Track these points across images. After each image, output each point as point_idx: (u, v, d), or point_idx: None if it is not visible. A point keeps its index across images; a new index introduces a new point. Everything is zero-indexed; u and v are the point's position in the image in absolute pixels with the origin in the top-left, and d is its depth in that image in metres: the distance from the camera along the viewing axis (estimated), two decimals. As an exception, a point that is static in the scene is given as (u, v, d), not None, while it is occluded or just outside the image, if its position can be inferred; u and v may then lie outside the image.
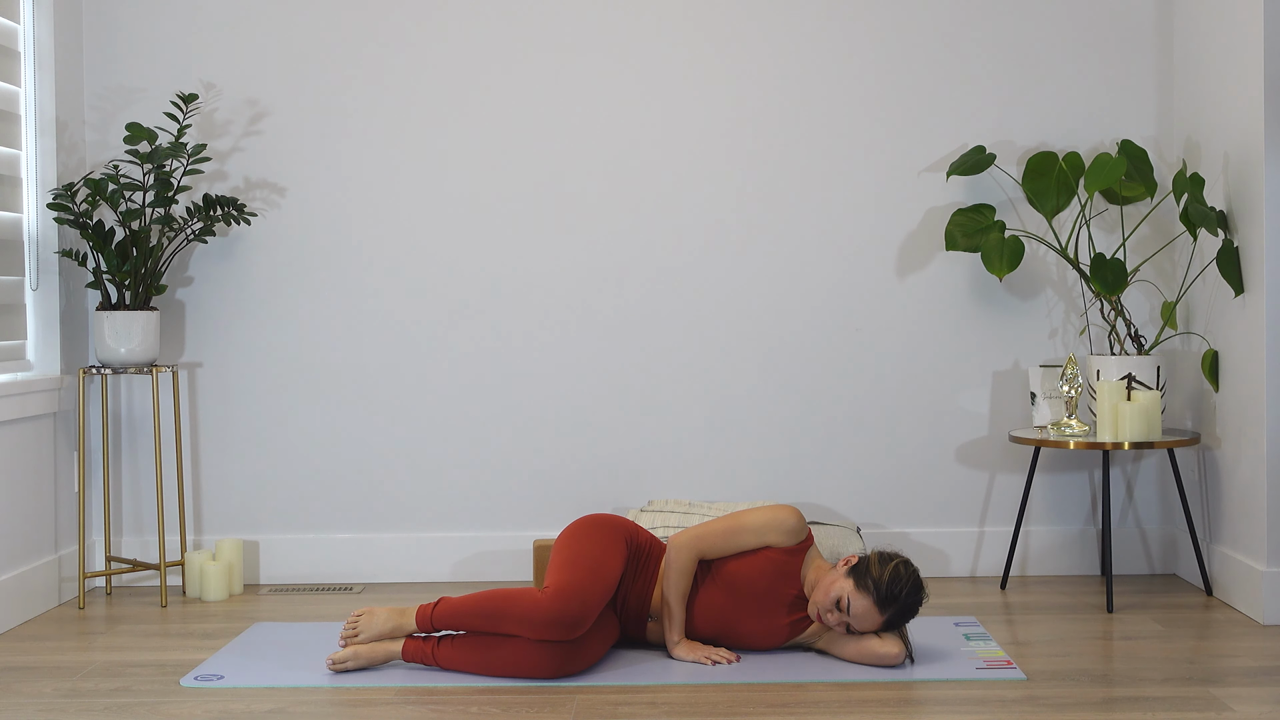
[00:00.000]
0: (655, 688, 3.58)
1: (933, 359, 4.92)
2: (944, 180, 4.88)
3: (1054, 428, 4.59)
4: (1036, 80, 4.89)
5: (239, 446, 4.93)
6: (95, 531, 4.88)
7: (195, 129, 4.84)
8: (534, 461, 4.93)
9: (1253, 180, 4.27)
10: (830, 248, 4.90)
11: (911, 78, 4.89)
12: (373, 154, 4.90)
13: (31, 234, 4.61)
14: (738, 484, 4.92)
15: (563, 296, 4.91)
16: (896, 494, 4.94)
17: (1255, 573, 4.24)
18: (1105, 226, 4.89)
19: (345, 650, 3.72)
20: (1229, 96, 4.42)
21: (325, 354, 4.92)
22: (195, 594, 4.73)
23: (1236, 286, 4.34)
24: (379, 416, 4.93)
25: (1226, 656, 3.85)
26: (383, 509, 4.95)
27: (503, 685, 3.59)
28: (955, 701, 3.46)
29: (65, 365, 4.69)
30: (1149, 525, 4.96)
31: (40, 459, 4.55)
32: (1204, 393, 4.65)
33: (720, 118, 4.90)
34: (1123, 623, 4.24)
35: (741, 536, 3.81)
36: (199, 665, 3.83)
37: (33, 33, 4.60)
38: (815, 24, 4.89)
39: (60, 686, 3.65)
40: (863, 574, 3.67)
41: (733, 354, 4.92)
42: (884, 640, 3.71)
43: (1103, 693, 3.50)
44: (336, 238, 4.91)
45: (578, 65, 4.89)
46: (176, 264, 4.88)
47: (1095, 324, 4.87)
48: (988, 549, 4.94)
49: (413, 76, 4.89)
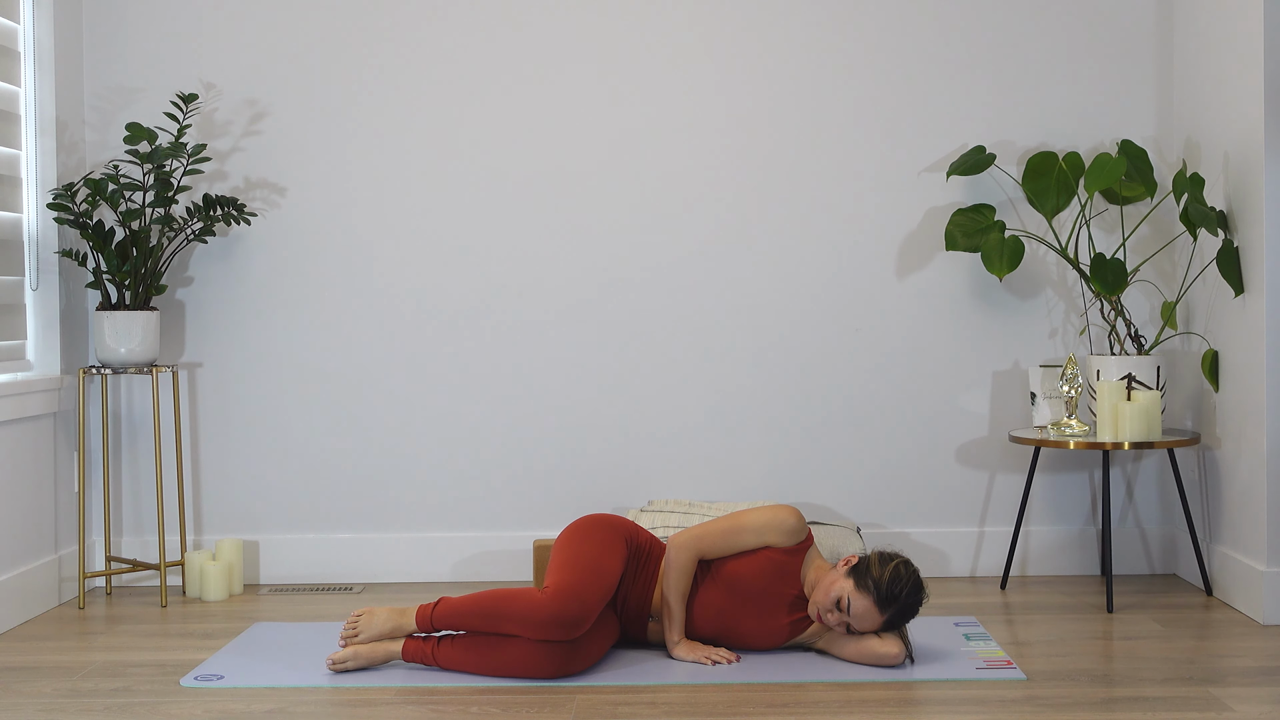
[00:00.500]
0: (655, 688, 3.58)
1: (933, 359, 4.92)
2: (944, 180, 4.88)
3: (1054, 428, 4.58)
4: (1036, 80, 4.89)
5: (239, 446, 4.93)
6: (95, 531, 4.88)
7: (195, 129, 4.84)
8: (534, 461, 4.93)
9: (1253, 180, 4.27)
10: (830, 247, 4.90)
11: (911, 78, 4.89)
12: (373, 154, 4.90)
13: (31, 234, 4.61)
14: (738, 484, 4.92)
15: (563, 297, 4.91)
16: (896, 494, 4.94)
17: (1255, 573, 4.24)
18: (1105, 226, 4.89)
19: (345, 650, 3.71)
20: (1229, 96, 4.42)
21: (325, 354, 4.92)
22: (195, 594, 4.73)
23: (1236, 286, 4.34)
24: (379, 416, 4.93)
25: (1226, 656, 3.85)
26: (383, 509, 4.95)
27: (503, 685, 3.58)
28: (955, 701, 3.46)
29: (65, 365, 4.69)
30: (1149, 525, 4.96)
31: (40, 459, 4.55)
32: (1204, 393, 4.65)
33: (721, 118, 4.89)
34: (1123, 623, 4.24)
35: (741, 536, 3.81)
36: (199, 665, 3.83)
37: (33, 33, 4.60)
38: (815, 25, 4.89)
39: (60, 686, 3.65)
40: (863, 574, 3.67)
41: (732, 354, 4.92)
42: (884, 640, 3.71)
43: (1103, 693, 3.50)
44: (336, 238, 4.91)
45: (578, 65, 4.89)
46: (176, 264, 4.88)
47: (1095, 324, 4.87)
48: (988, 549, 4.94)
49: (413, 76, 4.89)
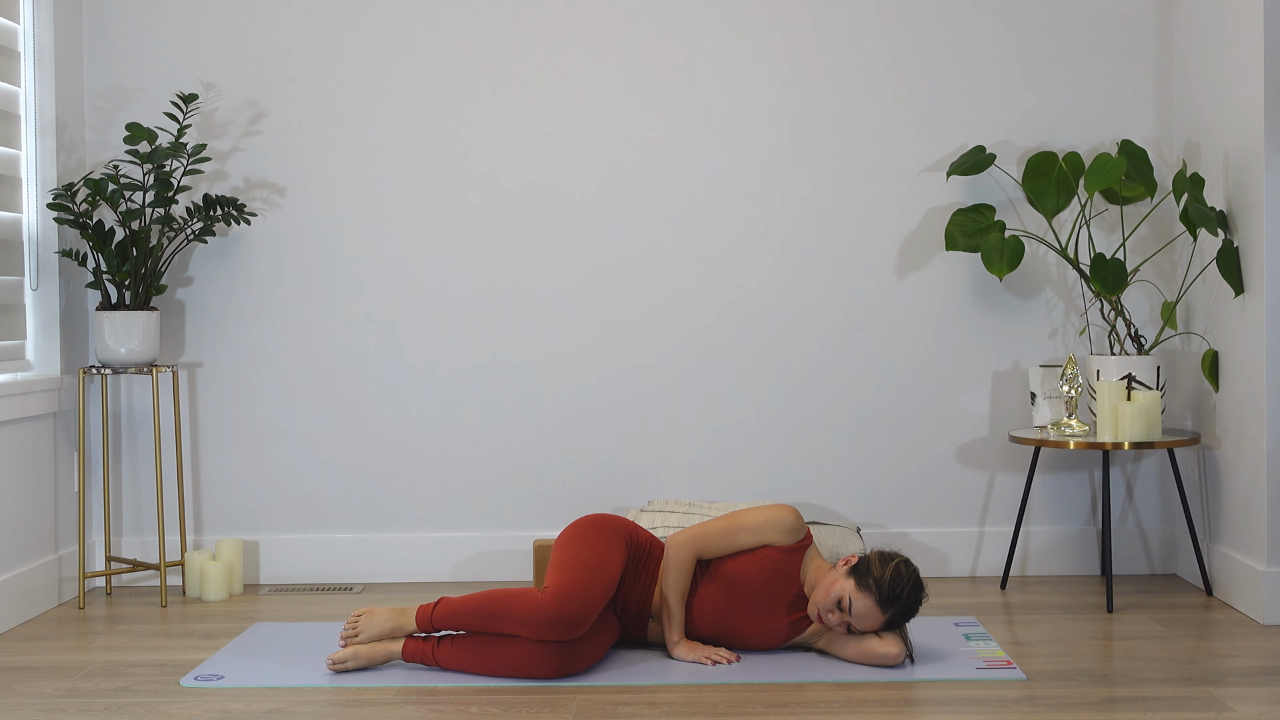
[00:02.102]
0: (655, 688, 3.58)
1: (933, 359, 4.92)
2: (944, 180, 4.88)
3: (1054, 428, 4.58)
4: (1036, 80, 4.89)
5: (239, 446, 4.93)
6: (95, 531, 4.88)
7: (195, 129, 4.84)
8: (534, 461, 4.93)
9: (1253, 180, 4.27)
10: (830, 248, 4.90)
11: (911, 78, 4.89)
12: (373, 154, 4.90)
13: (31, 234, 4.61)
14: (738, 484, 4.92)
15: (563, 297, 4.91)
16: (896, 494, 4.94)
17: (1255, 573, 4.24)
18: (1105, 226, 4.89)
19: (345, 650, 3.71)
20: (1229, 96, 4.42)
21: (325, 354, 4.92)
22: (195, 594, 4.73)
23: (1236, 286, 4.34)
24: (379, 416, 4.93)
25: (1226, 656, 3.85)
26: (383, 509, 4.95)
27: (503, 685, 3.58)
28: (955, 701, 3.46)
29: (65, 365, 4.69)
30: (1149, 525, 4.96)
31: (40, 459, 4.55)
32: (1204, 393, 4.65)
33: (721, 119, 4.89)
34: (1123, 623, 4.24)
35: (739, 535, 3.81)
36: (199, 665, 3.83)
37: (33, 33, 4.60)
38: (816, 25, 4.88)
39: (60, 686, 3.65)
40: (864, 574, 3.67)
41: (732, 354, 4.92)
42: (884, 640, 3.71)
43: (1103, 693, 3.50)
44: (336, 238, 4.91)
45: (579, 66, 4.89)
46: (176, 264, 4.88)
47: (1095, 324, 4.87)
48: (988, 549, 4.94)
49: (413, 76, 4.89)
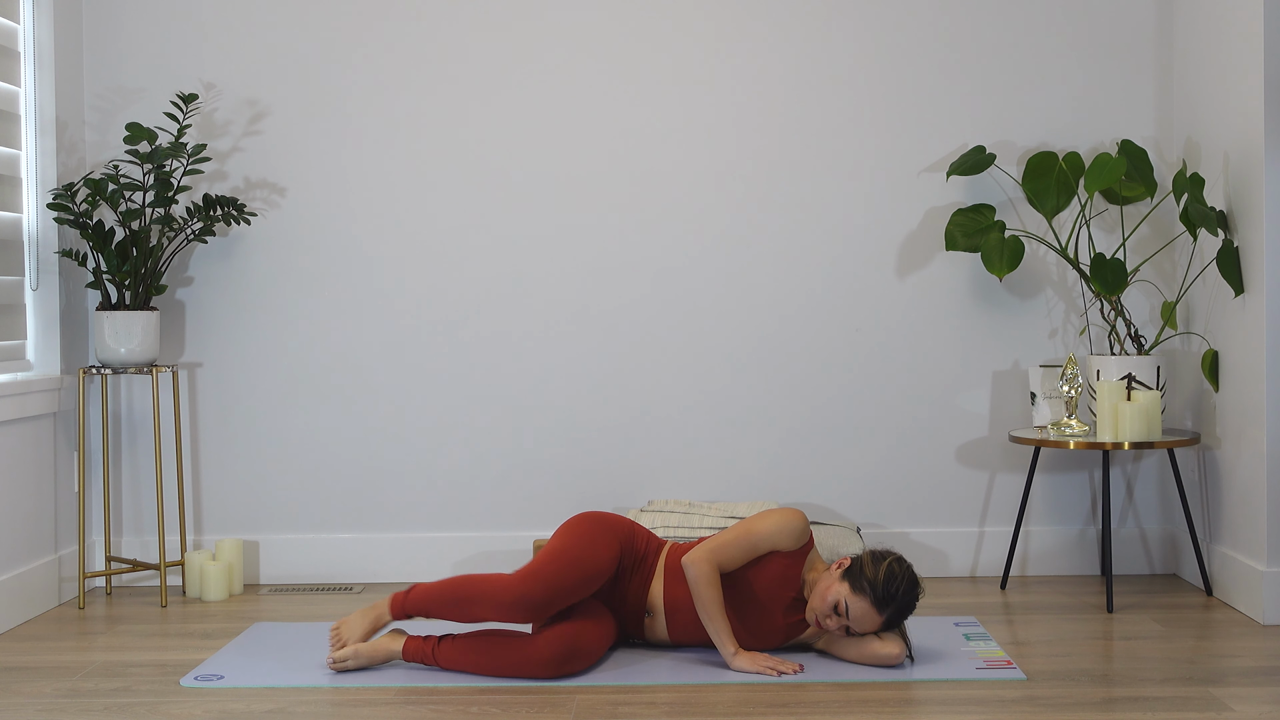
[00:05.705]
0: (655, 688, 3.58)
1: (933, 359, 4.92)
2: (944, 180, 4.88)
3: (1054, 428, 4.58)
4: (1036, 80, 4.89)
5: (239, 446, 4.93)
6: (95, 531, 4.88)
7: (195, 129, 4.84)
8: (534, 462, 4.93)
9: (1253, 180, 4.27)
10: (830, 248, 4.90)
11: (912, 78, 4.89)
12: (373, 154, 4.90)
13: (31, 234, 4.61)
14: (738, 484, 4.92)
15: (563, 297, 4.91)
16: (896, 494, 4.94)
17: (1255, 573, 4.24)
18: (1105, 226, 4.89)
19: (346, 649, 3.72)
20: (1229, 96, 4.42)
21: (325, 354, 4.92)
22: (195, 594, 4.73)
23: (1236, 286, 4.34)
24: (379, 416, 4.93)
25: (1226, 656, 3.85)
26: (383, 509, 4.95)
27: (503, 685, 3.59)
28: (955, 701, 3.46)
29: (65, 365, 4.69)
30: (1149, 525, 4.96)
31: (40, 459, 4.55)
32: (1204, 393, 4.65)
33: (721, 118, 4.89)
34: (1123, 623, 4.24)
35: (757, 544, 3.78)
36: (199, 665, 3.83)
37: (33, 33, 4.60)
38: (815, 25, 4.89)
39: (60, 686, 3.65)
40: (857, 576, 3.67)
41: (733, 354, 4.92)
42: (884, 640, 3.71)
43: (1103, 693, 3.50)
44: (336, 238, 4.91)
45: (579, 66, 4.89)
46: (176, 264, 4.88)
47: (1095, 324, 4.87)
48: (988, 549, 4.94)
49: (414, 76, 4.89)
